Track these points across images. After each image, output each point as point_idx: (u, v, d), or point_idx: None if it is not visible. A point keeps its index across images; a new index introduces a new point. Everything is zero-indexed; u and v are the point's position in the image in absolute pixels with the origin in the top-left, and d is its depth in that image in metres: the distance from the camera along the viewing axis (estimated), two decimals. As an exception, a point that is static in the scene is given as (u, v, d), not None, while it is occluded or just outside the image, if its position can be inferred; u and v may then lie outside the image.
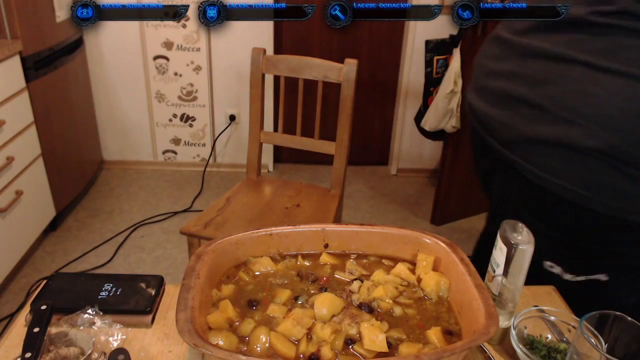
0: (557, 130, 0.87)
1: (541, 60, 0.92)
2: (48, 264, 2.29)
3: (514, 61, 0.98)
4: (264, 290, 0.82)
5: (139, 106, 3.03)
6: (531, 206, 0.99)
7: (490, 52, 1.07)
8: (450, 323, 0.76)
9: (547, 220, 0.95)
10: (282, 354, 0.70)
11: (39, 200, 2.31)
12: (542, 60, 0.92)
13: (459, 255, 0.81)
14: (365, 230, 0.89)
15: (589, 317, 0.69)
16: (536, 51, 0.93)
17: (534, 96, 0.91)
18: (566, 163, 0.88)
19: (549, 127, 0.89)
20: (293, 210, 1.74)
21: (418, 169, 3.26)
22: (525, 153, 0.94)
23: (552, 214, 0.95)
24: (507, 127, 0.97)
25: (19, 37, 2.07)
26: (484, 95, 1.06)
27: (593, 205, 0.87)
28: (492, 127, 1.02)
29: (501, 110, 0.99)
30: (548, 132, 0.89)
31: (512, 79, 0.97)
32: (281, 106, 1.83)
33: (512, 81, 0.97)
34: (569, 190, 0.88)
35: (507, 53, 1.01)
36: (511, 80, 0.97)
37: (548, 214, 0.96)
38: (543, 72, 0.91)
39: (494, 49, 1.07)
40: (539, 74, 0.92)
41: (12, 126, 2.05)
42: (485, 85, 1.06)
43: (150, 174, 3.14)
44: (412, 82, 2.97)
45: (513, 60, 0.99)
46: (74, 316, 0.79)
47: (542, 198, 0.95)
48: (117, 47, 2.86)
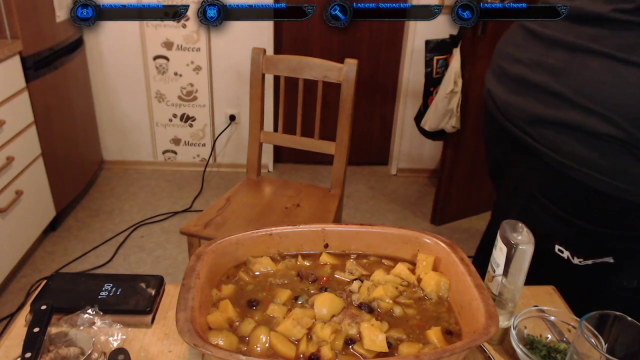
0: (577, 117, 0.91)
1: (563, 51, 0.95)
2: (48, 264, 2.29)
3: (537, 50, 1.02)
4: (264, 290, 0.82)
5: (139, 106, 3.03)
6: (547, 190, 1.02)
7: (513, 40, 1.10)
8: (450, 323, 0.76)
9: (562, 203, 0.99)
10: (282, 354, 0.70)
11: (39, 200, 2.31)
12: (564, 50, 0.95)
13: (459, 255, 0.81)
14: (365, 230, 0.89)
15: (589, 317, 0.69)
16: (559, 42, 0.97)
17: (554, 84, 0.95)
18: (585, 148, 0.91)
19: (569, 113, 0.92)
20: (293, 210, 1.74)
21: (418, 169, 3.26)
22: (544, 137, 0.97)
23: (568, 197, 0.99)
24: (526, 112, 1.01)
25: (19, 37, 2.07)
26: (503, 81, 1.09)
27: (610, 190, 0.91)
28: (511, 112, 1.05)
29: (521, 97, 1.03)
30: (568, 117, 0.92)
31: (533, 67, 1.01)
32: (281, 106, 1.83)
33: (533, 69, 1.00)
34: (586, 174, 0.92)
35: (530, 42, 1.04)
36: (532, 68, 1.01)
37: (564, 197, 0.99)
38: (564, 61, 0.95)
39: (516, 37, 1.10)
40: (560, 63, 0.95)
41: (12, 126, 2.05)
42: (506, 71, 1.09)
43: (150, 174, 3.14)
44: (412, 82, 2.97)
45: (535, 49, 1.02)
46: (74, 316, 0.79)
47: (559, 181, 0.98)
48: (117, 47, 2.86)
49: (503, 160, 1.19)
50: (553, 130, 0.96)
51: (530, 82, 1.01)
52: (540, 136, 0.98)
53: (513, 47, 1.09)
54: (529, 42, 1.05)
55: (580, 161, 0.92)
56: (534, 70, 1.00)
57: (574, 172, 0.94)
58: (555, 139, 0.95)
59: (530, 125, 1.00)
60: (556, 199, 1.00)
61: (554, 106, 0.95)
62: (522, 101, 1.02)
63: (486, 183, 2.98)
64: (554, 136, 0.96)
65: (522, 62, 1.04)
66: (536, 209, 1.03)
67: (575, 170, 0.93)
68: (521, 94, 1.03)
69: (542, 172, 1.01)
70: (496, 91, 1.11)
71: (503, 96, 1.08)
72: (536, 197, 1.03)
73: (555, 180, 0.99)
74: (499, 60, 1.14)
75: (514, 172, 1.14)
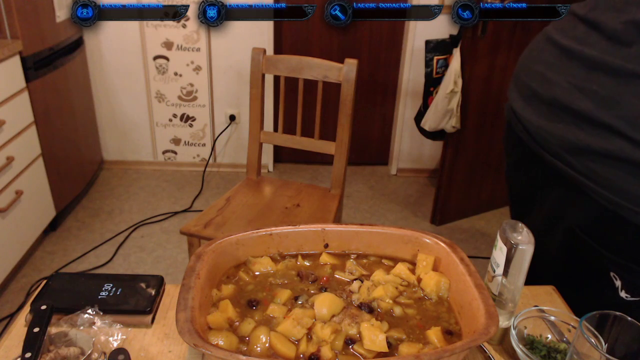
0: (634, 153, 0.81)
1: (608, 76, 0.84)
2: (48, 264, 2.29)
3: (575, 72, 0.90)
4: (264, 290, 0.82)
5: (139, 106, 3.03)
6: (592, 228, 0.92)
7: (543, 57, 0.99)
8: (450, 323, 0.76)
9: (609, 243, 0.89)
10: (282, 354, 0.70)
11: (39, 200, 2.31)
12: (609, 75, 0.84)
13: (459, 255, 0.81)
14: (365, 230, 0.89)
15: (589, 317, 0.69)
16: (603, 64, 0.85)
17: (602, 114, 0.84)
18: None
19: (624, 148, 0.81)
20: (293, 210, 1.74)
21: (418, 169, 3.26)
22: (590, 170, 0.87)
23: (617, 238, 0.89)
24: (566, 140, 0.90)
25: (19, 37, 2.07)
26: (534, 104, 0.98)
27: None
28: (546, 139, 0.95)
29: (559, 124, 0.91)
30: (623, 152, 0.82)
31: (573, 91, 0.89)
32: (281, 106, 1.83)
33: (572, 94, 0.89)
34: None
35: (565, 61, 0.93)
36: (572, 93, 0.89)
37: (612, 238, 0.89)
38: (612, 88, 0.83)
39: (547, 54, 0.98)
40: (607, 90, 0.84)
41: (12, 126, 2.05)
42: (537, 93, 0.97)
43: (150, 174, 3.14)
44: (412, 82, 2.97)
45: (573, 71, 0.90)
46: (74, 316, 0.79)
47: (607, 220, 0.88)
48: (117, 47, 2.86)
49: (534, 190, 1.07)
50: (602, 163, 0.84)
51: (569, 108, 0.89)
52: (585, 168, 0.87)
53: (544, 66, 0.97)
54: (564, 61, 0.93)
55: (637, 201, 0.82)
56: (574, 95, 0.88)
57: (628, 212, 0.83)
58: (606, 173, 0.84)
59: (572, 155, 0.89)
60: (603, 239, 0.89)
61: (604, 138, 0.83)
62: (560, 129, 0.90)
63: (486, 183, 2.98)
64: (604, 170, 0.84)
65: (558, 85, 0.92)
66: (578, 246, 0.94)
67: (630, 211, 0.82)
68: (559, 121, 0.91)
69: (585, 207, 0.90)
70: (525, 114, 1.00)
71: (535, 121, 0.97)
72: (576, 234, 0.93)
73: (602, 218, 0.88)
74: (526, 79, 1.02)
75: (547, 203, 1.03)
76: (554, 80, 0.94)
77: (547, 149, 0.95)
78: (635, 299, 0.88)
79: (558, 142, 0.92)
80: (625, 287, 0.88)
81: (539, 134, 0.97)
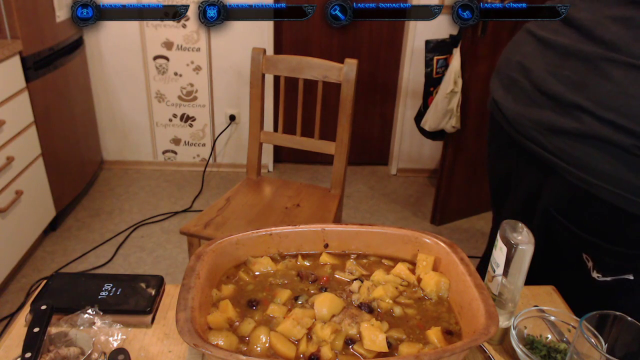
0: (602, 130, 0.84)
1: (580, 62, 0.89)
2: (48, 264, 2.29)
3: (549, 60, 0.96)
4: (264, 290, 0.82)
5: (139, 106, 3.03)
6: (565, 207, 0.95)
7: (522, 49, 1.05)
8: (450, 323, 0.76)
9: (582, 222, 0.92)
10: (282, 354, 0.70)
11: (39, 200, 2.31)
12: (581, 61, 0.89)
13: (459, 255, 0.81)
14: (365, 230, 0.89)
15: (589, 317, 0.69)
16: (574, 52, 0.91)
17: (573, 96, 0.89)
18: (612, 164, 0.84)
19: (593, 126, 0.86)
20: (293, 210, 1.74)
21: (418, 169, 3.26)
22: (561, 150, 0.91)
23: (589, 217, 0.92)
24: (540, 123, 0.94)
25: (19, 37, 2.07)
26: (513, 91, 1.03)
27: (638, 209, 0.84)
28: (522, 123, 0.99)
29: (535, 108, 0.96)
30: (593, 130, 0.86)
31: (547, 77, 0.95)
32: (281, 106, 1.83)
33: (546, 80, 0.94)
34: (613, 192, 0.85)
35: (541, 51, 0.99)
36: (546, 78, 0.95)
37: (585, 216, 0.92)
38: (583, 73, 0.88)
39: (525, 45, 1.04)
40: (578, 75, 0.89)
41: (12, 126, 2.05)
42: (516, 81, 1.03)
43: (150, 174, 3.14)
44: (412, 82, 2.97)
45: (548, 59, 0.96)
46: (74, 316, 0.79)
47: (579, 199, 0.91)
48: (117, 47, 2.86)
49: (511, 177, 1.12)
50: (573, 142, 0.88)
51: (544, 92, 0.94)
52: (557, 148, 0.91)
53: (522, 56, 1.03)
54: (540, 51, 0.99)
55: (607, 178, 0.85)
56: (548, 80, 0.94)
57: (598, 190, 0.86)
58: (576, 152, 0.88)
59: (545, 136, 0.93)
60: (575, 218, 0.93)
61: (575, 118, 0.88)
62: (535, 112, 0.96)
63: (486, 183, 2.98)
64: (574, 149, 0.88)
65: (534, 72, 0.98)
66: (554, 227, 0.97)
67: (600, 188, 0.86)
68: (534, 105, 0.96)
69: (558, 188, 0.94)
70: (505, 102, 1.05)
71: (513, 107, 1.02)
72: (552, 215, 0.96)
73: (574, 197, 0.92)
74: (507, 69, 1.07)
75: (522, 187, 1.07)
76: (531, 68, 0.99)
77: (523, 133, 1.00)
78: (606, 278, 0.92)
79: (533, 125, 0.97)
80: (596, 267, 0.92)
81: (516, 120, 1.01)
